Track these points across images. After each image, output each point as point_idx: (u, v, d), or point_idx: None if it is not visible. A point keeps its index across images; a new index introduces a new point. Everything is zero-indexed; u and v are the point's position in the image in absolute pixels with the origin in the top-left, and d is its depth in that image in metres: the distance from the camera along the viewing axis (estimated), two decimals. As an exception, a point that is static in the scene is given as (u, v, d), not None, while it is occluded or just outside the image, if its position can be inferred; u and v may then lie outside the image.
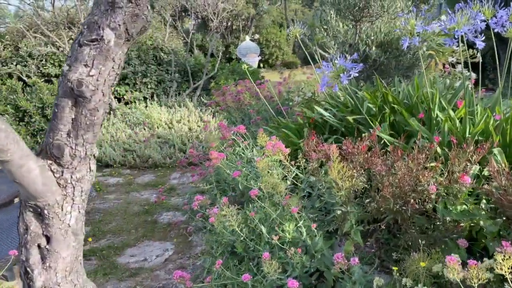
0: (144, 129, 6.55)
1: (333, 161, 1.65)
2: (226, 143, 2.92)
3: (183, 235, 3.42)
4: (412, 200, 1.74)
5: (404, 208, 1.75)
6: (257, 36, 19.80)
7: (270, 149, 2.29)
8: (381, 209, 1.81)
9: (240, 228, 2.04)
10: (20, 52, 7.11)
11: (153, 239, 3.45)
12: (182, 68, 8.40)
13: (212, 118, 6.76)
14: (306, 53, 3.27)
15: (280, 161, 2.32)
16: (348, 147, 1.78)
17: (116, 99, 7.66)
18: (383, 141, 2.33)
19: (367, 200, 1.93)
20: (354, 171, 1.77)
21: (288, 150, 2.30)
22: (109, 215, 4.05)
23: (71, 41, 7.36)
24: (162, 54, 8.15)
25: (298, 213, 2.08)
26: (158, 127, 6.48)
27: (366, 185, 1.85)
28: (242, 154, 2.84)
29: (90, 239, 3.41)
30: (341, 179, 1.74)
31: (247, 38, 16.59)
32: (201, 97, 7.96)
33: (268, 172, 2.21)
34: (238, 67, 8.50)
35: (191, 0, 10.22)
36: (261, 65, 17.65)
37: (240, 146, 2.86)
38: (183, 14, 13.44)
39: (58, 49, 7.16)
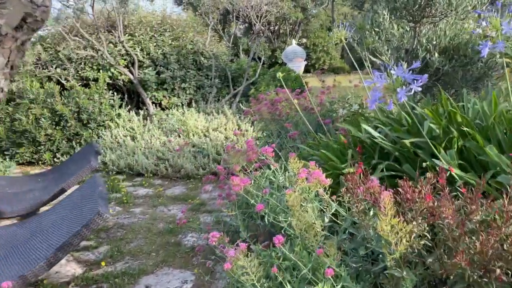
0: (179, 136, 6.25)
1: (384, 214, 1.18)
2: (253, 164, 2.49)
3: (206, 263, 3.01)
4: (498, 270, 1.23)
5: (485, 280, 1.25)
6: (304, 40, 19.30)
7: (305, 176, 1.85)
8: (451, 276, 1.31)
9: (261, 283, 1.60)
10: (60, 55, 7.03)
11: (173, 265, 3.07)
12: (223, 73, 8.06)
13: (251, 126, 6.36)
14: (353, 60, 2.78)
15: (317, 191, 1.87)
16: (407, 191, 1.30)
17: (153, 104, 7.43)
18: (449, 173, 1.82)
19: (430, 260, 1.43)
20: (414, 223, 1.28)
21: (328, 181, 1.83)
22: (132, 232, 3.73)
23: (110, 44, 7.22)
24: (203, 58, 7.85)
25: (339, 261, 1.63)
26: (193, 135, 6.16)
27: (429, 242, 1.36)
28: (273, 178, 2.40)
29: (103, 263, 3.08)
30: (396, 234, 1.26)
31: (294, 42, 16.15)
32: (241, 104, 7.59)
33: (301, 206, 1.77)
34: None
35: (234, 3, 9.90)
36: (309, 69, 17.17)
37: (270, 169, 2.42)
38: (228, 18, 13.19)
39: (97, 53, 7.03)
